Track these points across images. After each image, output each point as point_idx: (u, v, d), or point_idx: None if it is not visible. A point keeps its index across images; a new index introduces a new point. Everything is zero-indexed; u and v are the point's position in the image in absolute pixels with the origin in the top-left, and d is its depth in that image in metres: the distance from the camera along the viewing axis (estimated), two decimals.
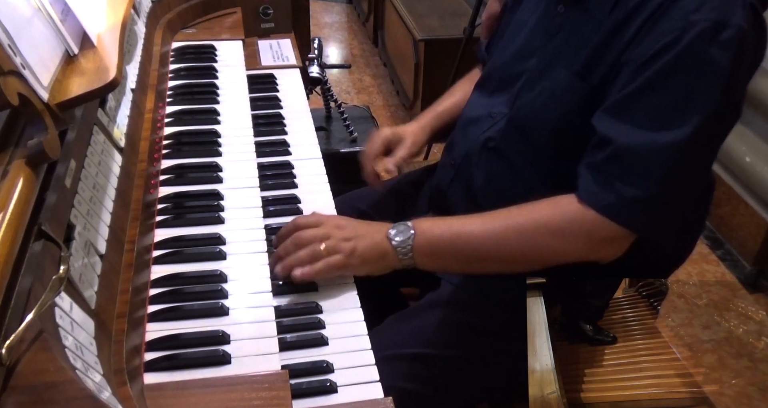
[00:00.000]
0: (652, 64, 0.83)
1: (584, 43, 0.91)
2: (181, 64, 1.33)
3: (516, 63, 1.03)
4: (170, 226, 0.95)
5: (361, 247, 0.90)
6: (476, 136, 1.06)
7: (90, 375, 0.59)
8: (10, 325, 0.55)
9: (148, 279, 0.86)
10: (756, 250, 2.10)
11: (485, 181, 1.06)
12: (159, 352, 0.77)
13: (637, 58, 0.84)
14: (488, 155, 1.04)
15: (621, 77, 0.86)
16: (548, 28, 0.99)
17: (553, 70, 0.95)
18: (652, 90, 0.84)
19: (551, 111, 0.95)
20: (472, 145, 1.06)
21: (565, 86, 0.93)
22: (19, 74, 0.67)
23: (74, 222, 0.72)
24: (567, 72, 0.93)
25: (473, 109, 1.12)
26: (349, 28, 4.03)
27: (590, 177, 0.88)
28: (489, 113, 1.06)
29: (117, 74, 0.81)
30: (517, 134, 1.00)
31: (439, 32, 2.71)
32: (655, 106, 0.84)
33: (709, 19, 0.80)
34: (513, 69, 1.04)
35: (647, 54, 0.83)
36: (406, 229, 0.92)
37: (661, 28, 0.83)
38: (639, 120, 0.84)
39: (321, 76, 1.92)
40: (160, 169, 1.05)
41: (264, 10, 1.51)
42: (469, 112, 1.12)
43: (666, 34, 0.82)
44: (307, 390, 0.77)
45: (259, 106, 1.28)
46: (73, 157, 0.77)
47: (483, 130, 1.05)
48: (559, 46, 0.96)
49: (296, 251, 0.89)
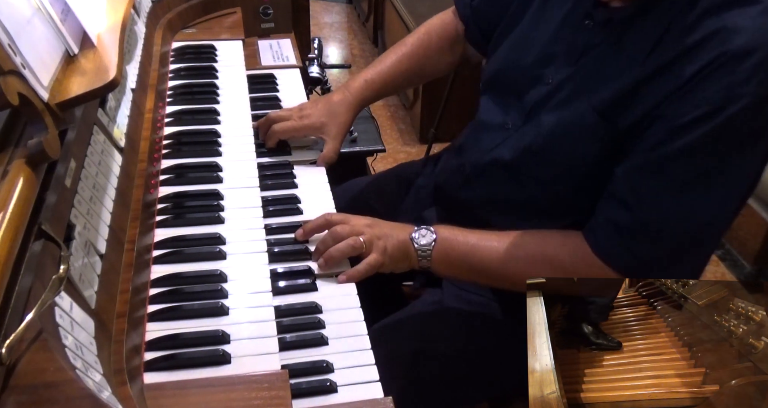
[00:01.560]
0: (690, 131, 0.79)
1: (612, 79, 0.87)
2: (181, 64, 1.33)
3: (530, 70, 0.99)
4: (170, 225, 0.95)
5: (390, 246, 0.95)
6: (488, 146, 1.03)
7: (90, 375, 0.59)
8: (10, 325, 0.55)
9: (148, 279, 0.86)
10: (756, 250, 2.10)
11: (492, 194, 1.05)
12: (159, 351, 0.77)
13: (673, 116, 0.80)
14: (498, 171, 1.03)
15: (653, 132, 0.83)
16: (573, 43, 0.93)
17: (576, 101, 0.91)
18: (687, 157, 0.81)
19: (570, 144, 0.92)
20: (483, 156, 1.04)
21: (587, 123, 0.89)
22: (19, 74, 0.67)
23: (74, 222, 0.72)
24: (590, 108, 0.89)
25: (487, 113, 1.08)
26: (349, 28, 4.03)
27: (607, 233, 0.88)
28: (503, 122, 1.02)
29: (117, 74, 0.81)
30: (531, 158, 0.97)
31: None
32: (687, 174, 0.81)
33: (756, 93, 0.76)
34: (526, 76, 0.99)
35: (686, 117, 0.79)
36: (429, 234, 0.96)
37: (705, 92, 0.78)
38: (670, 187, 0.82)
39: (321, 76, 1.92)
40: (160, 169, 1.05)
41: (264, 10, 1.51)
42: (483, 116, 1.09)
43: (709, 101, 0.78)
44: (307, 390, 0.77)
45: (259, 106, 1.28)
46: (73, 157, 0.77)
47: (496, 143, 1.02)
48: (583, 74, 0.91)
49: (335, 244, 0.93)
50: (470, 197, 1.08)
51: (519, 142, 0.99)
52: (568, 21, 0.95)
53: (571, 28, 0.94)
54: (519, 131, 1.00)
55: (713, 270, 2.17)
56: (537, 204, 1.01)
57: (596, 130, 0.89)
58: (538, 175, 0.98)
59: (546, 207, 1.00)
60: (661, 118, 0.82)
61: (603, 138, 0.88)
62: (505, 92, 1.05)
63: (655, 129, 0.82)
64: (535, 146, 0.97)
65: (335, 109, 1.17)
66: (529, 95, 0.98)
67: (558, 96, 0.94)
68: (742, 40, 0.77)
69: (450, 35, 1.24)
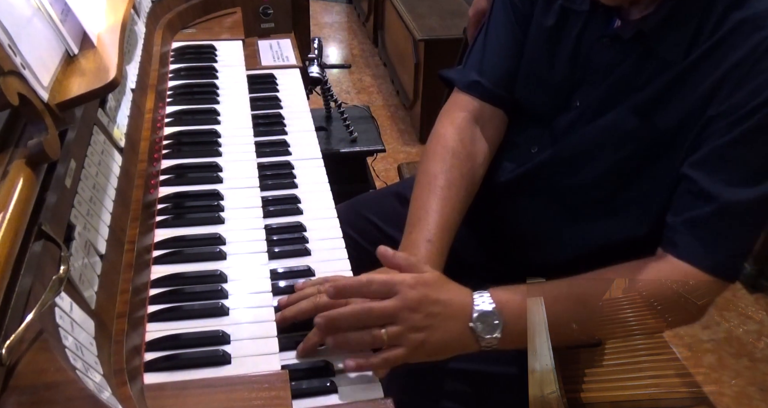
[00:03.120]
0: (748, 120, 0.80)
1: (649, 83, 0.87)
2: (181, 64, 1.33)
3: (552, 98, 0.97)
4: (170, 226, 0.95)
5: (435, 341, 0.78)
6: (510, 168, 1.01)
7: (90, 375, 0.59)
8: (10, 325, 0.55)
9: (148, 279, 0.86)
10: (756, 250, 2.10)
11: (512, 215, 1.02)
12: (159, 352, 0.77)
13: (730, 112, 0.81)
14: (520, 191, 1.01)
15: (714, 129, 0.83)
16: (595, 64, 0.92)
17: (612, 108, 0.90)
18: (752, 144, 0.81)
19: (607, 150, 0.91)
20: (501, 178, 1.02)
21: (627, 127, 0.89)
22: (19, 74, 0.67)
23: (74, 222, 0.72)
24: (629, 112, 0.88)
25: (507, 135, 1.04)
26: (349, 28, 4.03)
27: (692, 234, 0.84)
28: (526, 144, 1.00)
29: (117, 74, 0.81)
30: (563, 168, 0.96)
31: (439, 32, 2.71)
32: (755, 159, 0.82)
33: None
34: (548, 105, 0.98)
35: (742, 109, 0.80)
36: (491, 317, 0.80)
37: (757, 81, 0.79)
38: (740, 174, 0.82)
39: (321, 76, 1.92)
40: (160, 169, 1.05)
41: (264, 10, 1.51)
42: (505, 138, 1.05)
43: (763, 89, 0.79)
44: (307, 390, 0.76)
45: (259, 106, 1.28)
46: (73, 157, 0.77)
47: (517, 166, 1.00)
48: (617, 83, 0.90)
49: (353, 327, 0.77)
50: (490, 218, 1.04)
51: (548, 161, 0.97)
52: (583, 43, 0.94)
53: (588, 50, 0.93)
54: (548, 152, 0.98)
55: None
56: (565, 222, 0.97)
57: (639, 132, 0.88)
58: (568, 186, 0.96)
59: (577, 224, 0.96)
60: (719, 117, 0.82)
61: (641, 140, 0.88)
62: (527, 121, 1.03)
63: (716, 126, 0.82)
64: (566, 157, 0.95)
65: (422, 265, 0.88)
66: (557, 121, 0.97)
67: (589, 113, 0.93)
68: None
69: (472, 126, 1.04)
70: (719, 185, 0.82)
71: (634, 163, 0.90)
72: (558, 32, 0.97)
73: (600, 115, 0.92)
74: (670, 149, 0.87)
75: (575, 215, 0.98)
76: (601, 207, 0.95)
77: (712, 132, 0.83)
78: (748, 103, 0.80)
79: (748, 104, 0.80)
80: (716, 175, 0.83)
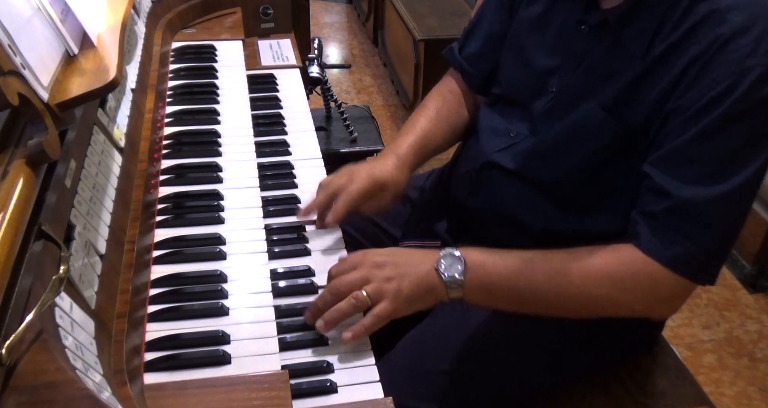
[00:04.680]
0: (707, 114, 0.79)
1: (616, 77, 0.87)
2: (181, 64, 1.33)
3: (533, 83, 0.98)
4: (170, 226, 0.95)
5: (407, 287, 0.84)
6: (490, 149, 1.02)
7: (90, 375, 0.59)
8: (10, 325, 0.55)
9: (148, 279, 0.86)
10: (756, 250, 2.10)
11: (498, 202, 1.03)
12: (159, 352, 0.77)
13: (688, 105, 0.80)
14: (501, 177, 1.01)
15: (672, 125, 0.82)
16: (571, 50, 0.93)
17: (583, 102, 0.91)
18: (709, 140, 0.80)
19: (580, 145, 0.91)
20: (484, 157, 1.03)
21: (596, 122, 0.89)
22: (19, 74, 0.67)
23: (74, 222, 0.72)
24: (598, 107, 0.88)
25: (489, 120, 1.07)
26: (349, 28, 4.03)
27: (649, 228, 0.84)
28: (507, 129, 1.01)
29: (117, 74, 0.81)
30: (538, 162, 0.96)
31: (439, 32, 2.71)
32: (713, 157, 0.81)
33: (765, 63, 0.76)
34: (529, 89, 0.99)
35: (700, 102, 0.79)
36: (456, 261, 0.85)
37: (713, 74, 0.78)
38: (697, 172, 0.81)
39: (321, 76, 1.92)
40: (160, 169, 1.05)
41: (264, 10, 1.51)
42: (484, 122, 1.08)
43: (720, 81, 0.78)
44: (307, 390, 0.77)
45: (259, 106, 1.28)
46: (73, 157, 0.77)
47: (499, 147, 1.01)
48: (587, 76, 0.91)
49: (336, 302, 0.82)
50: (477, 206, 1.06)
51: (524, 151, 0.98)
52: (564, 30, 0.95)
53: (568, 37, 0.95)
54: (524, 140, 0.99)
55: None
56: (544, 212, 0.98)
57: (604, 128, 0.88)
58: (543, 179, 0.96)
59: (553, 214, 0.97)
60: (678, 110, 0.82)
61: (612, 135, 0.88)
62: (509, 106, 1.04)
63: (674, 122, 0.82)
64: (542, 150, 0.96)
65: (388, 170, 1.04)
66: (534, 106, 0.98)
67: (563, 102, 0.94)
68: (738, 17, 0.78)
69: (461, 88, 1.20)
70: (674, 183, 0.82)
71: (605, 158, 0.90)
72: (545, 18, 0.99)
73: (574, 107, 0.92)
74: (639, 145, 0.87)
75: (549, 206, 0.98)
76: (574, 200, 0.96)
77: (671, 129, 0.83)
78: (704, 95, 0.79)
79: (704, 96, 0.79)
80: (672, 173, 0.83)
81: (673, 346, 1.15)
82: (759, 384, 1.78)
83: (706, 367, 1.83)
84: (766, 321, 1.98)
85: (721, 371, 1.82)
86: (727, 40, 0.78)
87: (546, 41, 0.98)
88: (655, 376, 1.08)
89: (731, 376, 1.80)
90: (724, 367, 1.83)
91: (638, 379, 1.07)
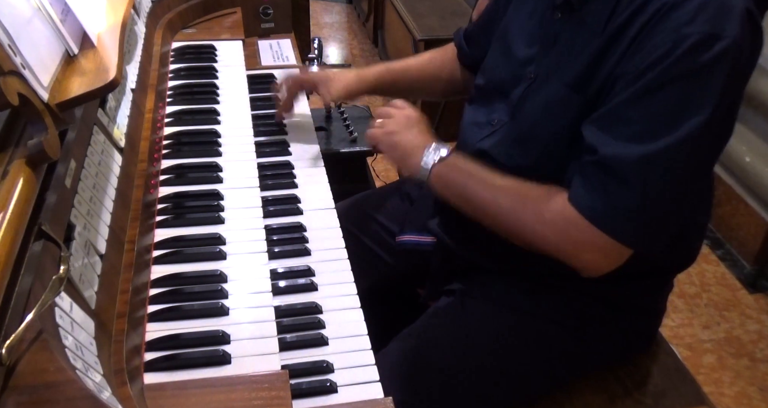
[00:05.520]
0: (643, 77, 0.81)
1: (579, 55, 0.90)
2: (181, 64, 1.33)
3: (514, 71, 1.02)
4: (170, 226, 0.95)
5: (400, 139, 1.04)
6: (473, 140, 1.05)
7: (90, 375, 0.59)
8: (10, 325, 0.55)
9: (148, 279, 0.86)
10: (756, 250, 2.10)
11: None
12: (159, 352, 0.77)
13: (630, 71, 0.83)
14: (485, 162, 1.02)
15: (615, 90, 0.85)
16: (546, 36, 0.97)
17: (550, 83, 0.94)
18: (640, 101, 0.82)
19: (549, 123, 0.94)
20: (470, 150, 1.05)
21: (560, 99, 0.92)
22: (19, 74, 0.67)
23: (74, 222, 0.72)
24: (562, 85, 0.91)
25: (471, 115, 1.10)
26: (349, 28, 4.03)
27: (578, 180, 0.88)
28: (489, 120, 1.04)
29: (117, 74, 0.81)
30: (516, 145, 0.99)
31: (439, 32, 2.71)
32: (642, 118, 0.82)
33: (702, 31, 0.78)
34: (510, 77, 1.02)
35: (640, 67, 0.81)
36: (440, 150, 1.00)
37: (654, 40, 0.81)
38: (625, 132, 0.83)
39: None
40: (160, 169, 1.05)
41: (264, 10, 1.51)
42: (467, 118, 1.11)
43: (658, 46, 0.80)
44: (307, 390, 0.77)
45: (259, 106, 1.28)
46: (73, 157, 0.77)
47: (482, 136, 1.04)
48: (557, 57, 0.94)
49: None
50: None
51: (506, 136, 1.01)
52: (543, 19, 0.98)
53: (545, 25, 0.98)
54: (505, 126, 1.01)
55: (713, 270, 2.17)
56: None
57: (569, 104, 0.91)
58: (520, 164, 0.98)
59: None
60: (621, 76, 0.84)
61: (576, 110, 0.90)
62: (491, 96, 1.07)
63: (617, 88, 0.85)
64: (518, 134, 0.99)
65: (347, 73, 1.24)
66: (513, 93, 1.01)
67: (538, 85, 0.97)
68: None
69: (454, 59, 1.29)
70: (602, 139, 0.85)
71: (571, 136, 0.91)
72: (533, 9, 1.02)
73: (544, 88, 0.95)
74: None
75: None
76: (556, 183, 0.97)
77: (614, 92, 0.85)
78: (645, 59, 0.82)
79: (644, 61, 0.82)
80: (603, 130, 0.85)
81: (673, 346, 1.14)
82: (759, 384, 1.78)
83: (705, 367, 1.83)
84: (766, 321, 1.98)
85: (721, 371, 1.82)
86: (671, 7, 0.80)
87: (523, 30, 1.02)
88: (655, 376, 1.08)
89: (731, 376, 1.80)
90: (724, 367, 1.83)
91: (638, 379, 1.07)
